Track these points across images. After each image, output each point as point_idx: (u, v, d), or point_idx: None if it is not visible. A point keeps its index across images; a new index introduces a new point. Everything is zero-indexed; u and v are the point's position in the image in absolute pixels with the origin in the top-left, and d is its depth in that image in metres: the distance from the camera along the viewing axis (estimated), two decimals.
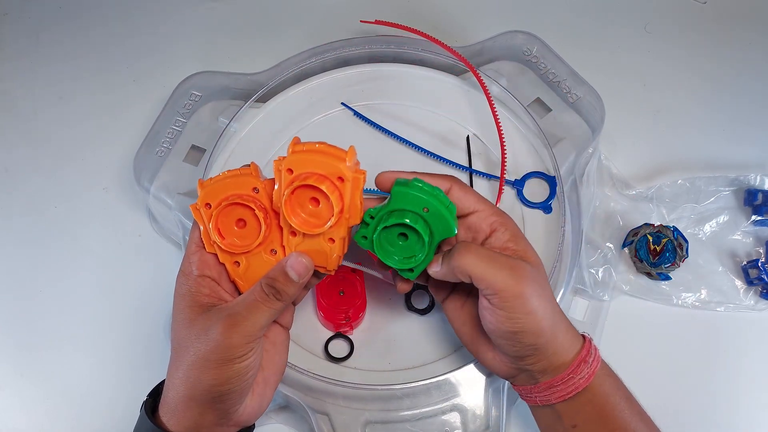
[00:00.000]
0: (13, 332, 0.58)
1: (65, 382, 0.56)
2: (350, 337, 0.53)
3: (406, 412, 0.50)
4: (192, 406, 0.40)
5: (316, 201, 0.41)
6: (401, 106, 0.63)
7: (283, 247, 0.42)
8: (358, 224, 0.43)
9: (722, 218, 0.61)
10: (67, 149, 0.67)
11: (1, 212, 0.64)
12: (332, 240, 0.42)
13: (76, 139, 0.67)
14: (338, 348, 0.53)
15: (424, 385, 0.50)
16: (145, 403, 0.44)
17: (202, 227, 0.42)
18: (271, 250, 0.43)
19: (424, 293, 0.54)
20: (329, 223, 0.40)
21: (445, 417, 0.51)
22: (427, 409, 0.51)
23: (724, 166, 0.65)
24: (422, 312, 0.54)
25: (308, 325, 0.54)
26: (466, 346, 0.47)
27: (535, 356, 0.42)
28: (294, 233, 0.42)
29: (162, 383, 0.44)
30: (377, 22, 0.65)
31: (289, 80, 0.64)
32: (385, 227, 0.42)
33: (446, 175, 0.44)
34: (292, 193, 0.40)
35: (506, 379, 0.47)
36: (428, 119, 0.62)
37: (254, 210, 0.41)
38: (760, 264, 0.58)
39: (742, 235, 0.61)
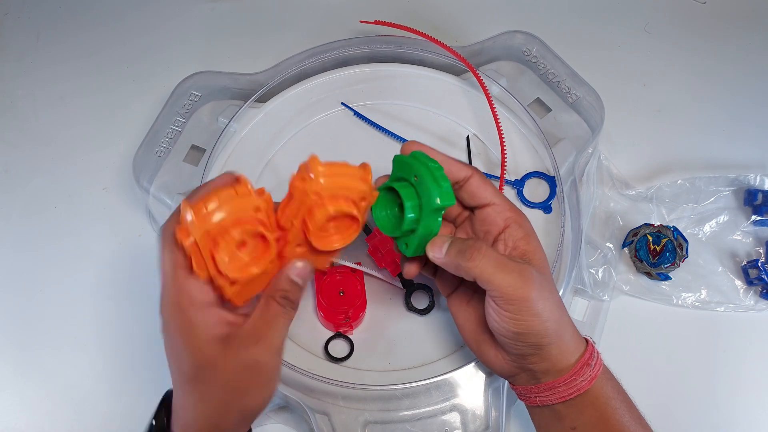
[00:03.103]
0: (13, 332, 0.58)
1: (65, 382, 0.56)
2: (350, 337, 0.53)
3: (405, 412, 0.50)
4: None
5: (335, 219, 0.40)
6: (401, 106, 0.63)
7: (280, 259, 0.41)
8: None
9: (722, 218, 0.61)
10: (67, 149, 0.67)
11: (1, 212, 0.64)
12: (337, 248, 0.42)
13: (76, 139, 0.67)
14: (338, 348, 0.53)
15: (423, 385, 0.50)
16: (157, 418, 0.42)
17: (192, 255, 0.38)
18: None
19: (424, 293, 0.54)
20: (349, 242, 0.41)
21: (444, 417, 0.50)
22: (427, 409, 0.50)
23: (724, 166, 0.65)
24: (422, 312, 0.54)
25: (308, 325, 0.53)
26: (467, 343, 0.47)
27: (537, 356, 0.42)
28: (301, 245, 0.41)
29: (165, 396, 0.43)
30: (377, 23, 0.65)
31: (288, 80, 0.64)
32: (381, 190, 0.43)
33: (469, 165, 0.44)
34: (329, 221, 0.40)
35: (506, 378, 0.46)
36: (428, 119, 0.63)
37: (264, 233, 0.38)
38: (760, 264, 0.58)
39: (742, 235, 0.61)
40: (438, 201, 0.41)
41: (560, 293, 0.55)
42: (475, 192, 0.44)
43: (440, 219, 0.42)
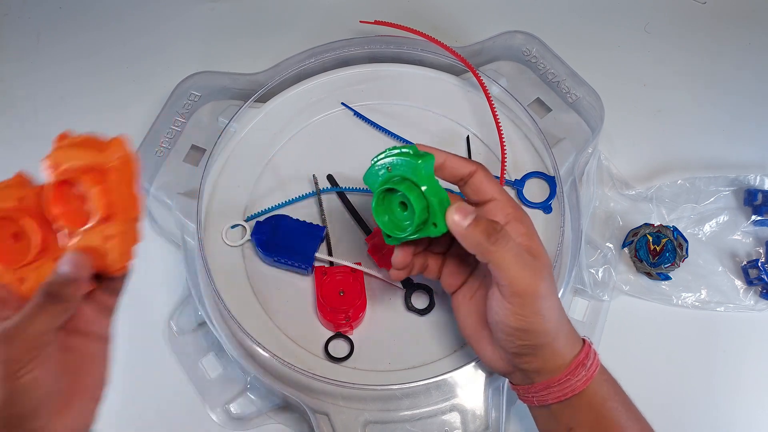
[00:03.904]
0: None
1: None
2: (350, 337, 0.53)
3: (405, 413, 0.50)
4: None
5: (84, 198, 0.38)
6: (401, 106, 0.63)
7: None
8: (137, 216, 0.39)
9: (722, 218, 0.61)
10: None
11: None
12: (111, 237, 0.38)
13: None
14: (338, 348, 0.53)
15: (423, 385, 0.50)
16: None
17: None
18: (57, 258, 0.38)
19: (424, 293, 0.54)
20: (92, 222, 0.37)
21: (444, 417, 0.51)
22: (427, 409, 0.50)
23: (724, 166, 0.65)
24: (422, 312, 0.54)
25: (308, 325, 0.54)
26: (467, 338, 0.47)
27: (531, 356, 0.42)
28: (71, 234, 0.38)
29: None
30: (377, 23, 0.65)
31: (288, 80, 0.64)
32: (375, 199, 0.43)
33: (474, 161, 0.44)
34: (57, 188, 0.37)
35: (503, 376, 0.47)
36: (428, 119, 0.62)
37: (20, 221, 0.38)
38: (760, 264, 0.58)
39: (742, 235, 0.61)
40: (420, 163, 0.41)
41: (560, 293, 0.55)
42: (478, 188, 0.44)
43: (440, 185, 0.42)
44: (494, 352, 0.45)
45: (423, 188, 0.41)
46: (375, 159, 0.43)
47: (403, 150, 0.42)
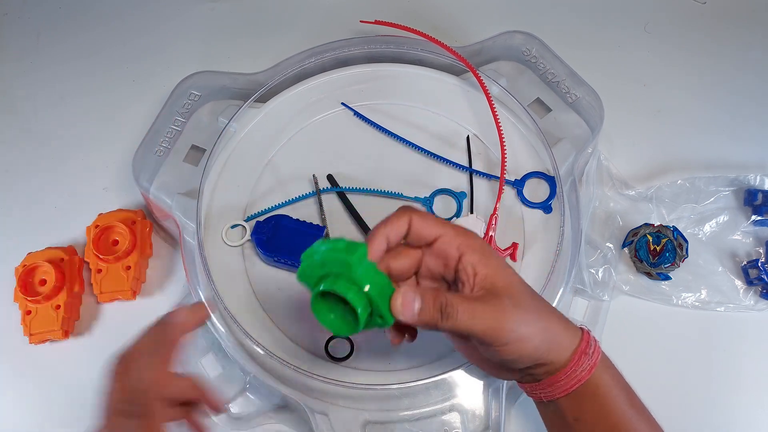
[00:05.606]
0: (15, 332, 0.58)
1: (65, 381, 0.56)
2: (350, 337, 0.53)
3: (405, 413, 0.50)
4: None
5: (116, 242, 0.59)
6: (401, 106, 0.63)
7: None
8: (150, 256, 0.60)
9: (722, 218, 0.61)
10: (67, 149, 0.67)
11: (1, 212, 0.64)
12: (129, 267, 0.57)
13: (76, 138, 0.68)
14: (338, 348, 0.53)
15: (423, 385, 0.50)
16: None
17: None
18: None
19: None
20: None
21: (444, 417, 0.50)
22: (427, 409, 0.50)
23: (724, 166, 0.65)
24: None
25: (308, 325, 0.53)
26: (467, 359, 0.47)
27: (536, 367, 0.42)
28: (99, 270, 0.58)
29: None
30: (377, 23, 0.65)
31: (288, 80, 0.64)
32: (314, 299, 0.41)
33: (402, 211, 0.42)
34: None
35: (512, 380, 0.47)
36: (428, 119, 0.62)
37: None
38: (760, 264, 0.58)
39: (742, 235, 0.61)
40: (353, 259, 0.39)
41: (559, 293, 0.55)
42: (419, 233, 0.42)
43: (380, 272, 0.40)
44: (501, 372, 0.45)
45: (366, 287, 0.39)
46: (305, 255, 0.41)
47: (333, 246, 0.39)
